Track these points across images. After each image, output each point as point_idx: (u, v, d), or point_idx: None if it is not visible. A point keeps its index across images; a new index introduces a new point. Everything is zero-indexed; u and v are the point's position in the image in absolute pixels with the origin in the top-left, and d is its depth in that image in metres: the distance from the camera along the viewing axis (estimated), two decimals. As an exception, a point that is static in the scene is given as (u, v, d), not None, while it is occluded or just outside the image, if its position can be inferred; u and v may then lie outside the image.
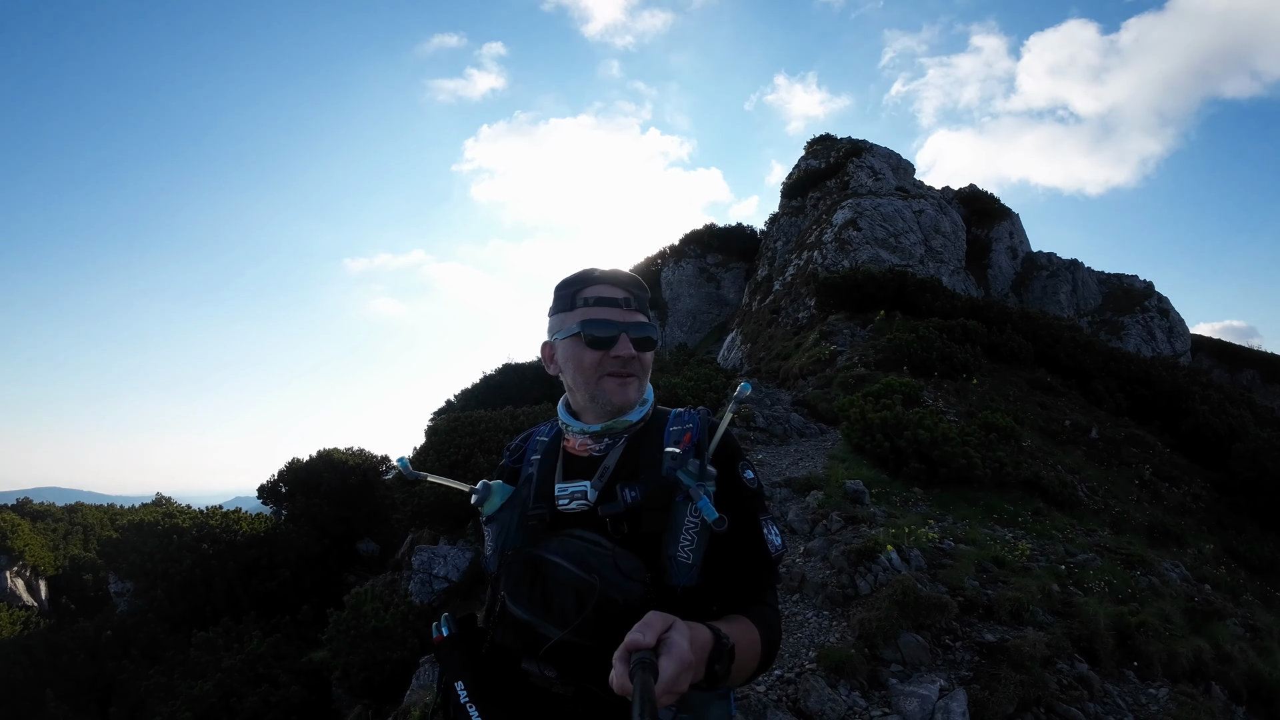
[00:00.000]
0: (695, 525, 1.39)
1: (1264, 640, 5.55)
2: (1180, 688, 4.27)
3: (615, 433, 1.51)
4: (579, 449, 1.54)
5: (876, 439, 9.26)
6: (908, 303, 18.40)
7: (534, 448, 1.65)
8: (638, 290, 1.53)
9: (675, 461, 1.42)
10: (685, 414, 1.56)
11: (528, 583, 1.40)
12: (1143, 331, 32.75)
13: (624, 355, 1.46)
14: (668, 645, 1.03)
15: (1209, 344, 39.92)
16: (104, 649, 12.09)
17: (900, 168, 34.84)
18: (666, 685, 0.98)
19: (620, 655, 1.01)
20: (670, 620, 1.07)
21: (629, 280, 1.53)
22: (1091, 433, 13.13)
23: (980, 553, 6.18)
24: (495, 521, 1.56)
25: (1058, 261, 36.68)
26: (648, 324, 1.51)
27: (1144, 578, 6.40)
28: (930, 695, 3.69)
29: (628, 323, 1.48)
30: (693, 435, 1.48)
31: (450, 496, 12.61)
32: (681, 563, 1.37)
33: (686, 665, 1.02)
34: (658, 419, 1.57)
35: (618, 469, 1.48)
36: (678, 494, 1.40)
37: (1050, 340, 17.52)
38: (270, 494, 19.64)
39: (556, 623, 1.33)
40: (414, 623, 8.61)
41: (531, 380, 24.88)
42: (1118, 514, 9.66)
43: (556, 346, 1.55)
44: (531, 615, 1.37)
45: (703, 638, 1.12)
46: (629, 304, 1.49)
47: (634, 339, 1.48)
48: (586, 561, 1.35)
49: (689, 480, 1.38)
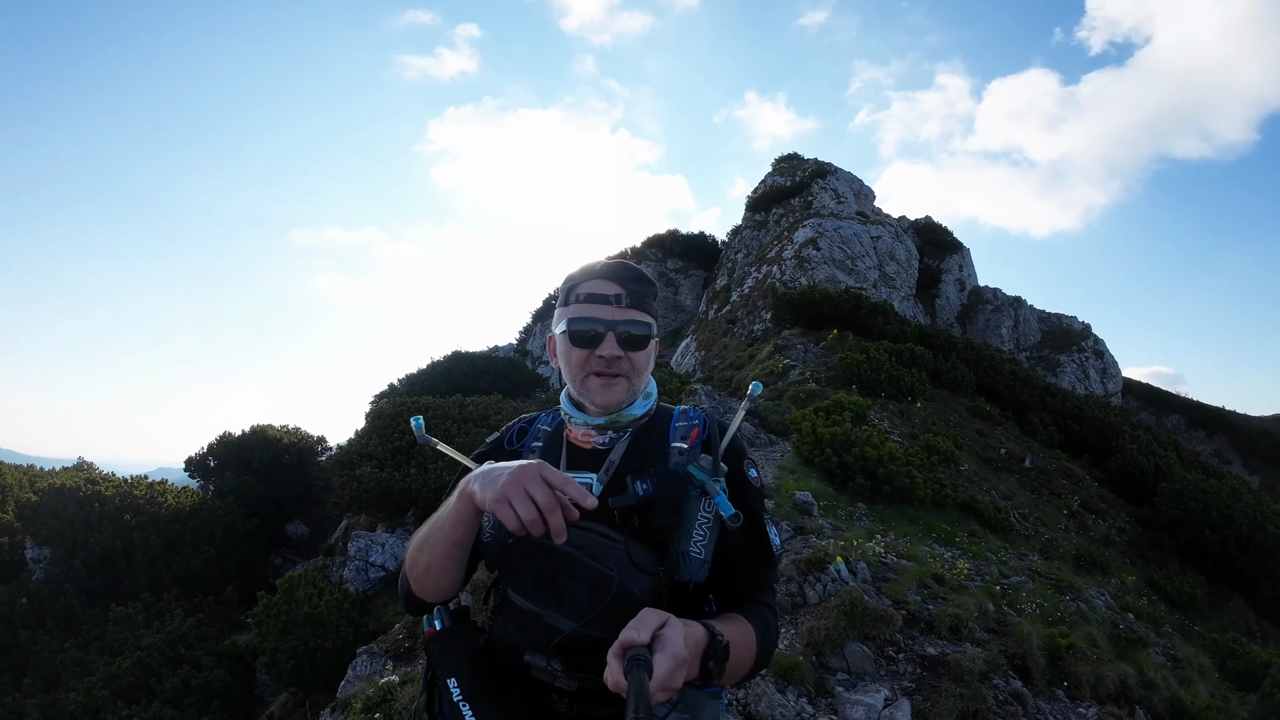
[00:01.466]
0: (708, 521, 1.37)
1: (1184, 670, 5.83)
2: (1108, 709, 4.44)
3: (619, 426, 1.48)
4: (582, 440, 1.51)
5: (826, 453, 9.43)
6: (860, 324, 18.83)
7: (536, 434, 1.61)
8: (635, 285, 1.47)
9: (684, 457, 1.41)
10: (691, 411, 1.55)
11: (536, 573, 1.36)
12: (1078, 370, 34.20)
13: (607, 355, 1.42)
14: (662, 642, 1.02)
15: (1138, 387, 41.99)
16: (19, 618, 11.40)
17: (862, 193, 35.68)
18: (661, 682, 0.97)
19: (615, 652, 1.01)
20: (665, 617, 1.06)
21: (628, 275, 1.48)
22: (1025, 462, 13.64)
23: (922, 569, 6.34)
24: None
25: (1002, 297, 38.06)
26: (641, 321, 1.46)
27: (1072, 603, 6.64)
28: (875, 704, 3.75)
29: (616, 321, 1.43)
30: (700, 432, 1.47)
31: (392, 482, 12.33)
32: (694, 558, 1.36)
33: (681, 662, 1.01)
34: (662, 415, 1.54)
35: (624, 462, 1.45)
36: (691, 489, 1.38)
37: (991, 371, 18.18)
38: (198, 467, 18.87)
39: (569, 614, 1.30)
40: (349, 611, 8.37)
41: (482, 370, 24.54)
42: (1047, 541, 10.04)
43: (556, 340, 1.52)
44: (540, 606, 1.34)
45: (697, 635, 1.11)
46: (620, 300, 1.44)
47: (622, 338, 1.43)
48: (596, 553, 1.33)
49: (703, 476, 1.36)
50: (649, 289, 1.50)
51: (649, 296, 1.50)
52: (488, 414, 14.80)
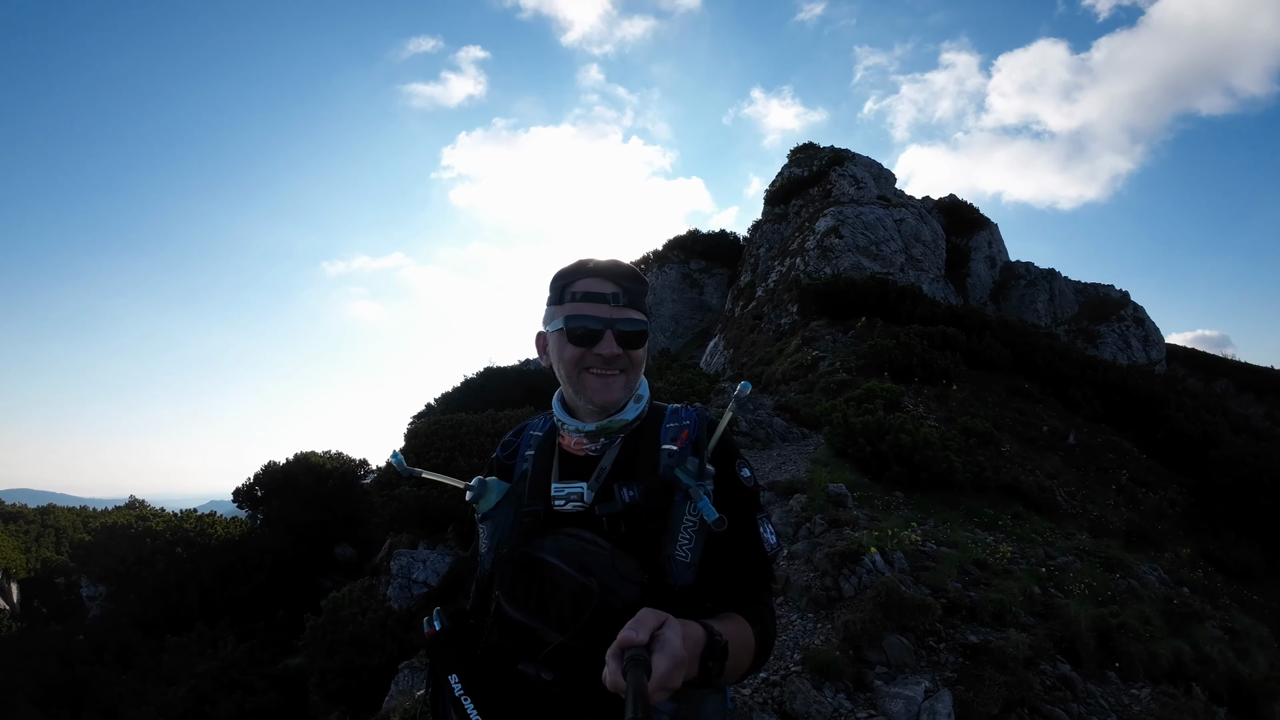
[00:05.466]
0: (694, 524, 1.37)
1: (1242, 642, 5.61)
2: (1162, 688, 4.29)
3: (611, 432, 1.48)
4: (575, 448, 1.51)
5: (859, 443, 9.30)
6: (889, 310, 18.54)
7: (528, 442, 1.62)
8: (630, 283, 1.47)
9: (673, 459, 1.40)
10: (682, 410, 1.54)
11: (523, 584, 1.38)
12: (1119, 340, 33.27)
13: (606, 354, 1.43)
14: (661, 642, 1.02)
15: (1183, 353, 40.67)
16: (76, 653, 11.80)
17: (882, 177, 35.18)
18: (659, 682, 0.98)
19: (613, 652, 1.01)
20: (663, 617, 1.06)
21: (622, 273, 1.48)
22: (1069, 438, 13.28)
23: (962, 555, 6.21)
24: (490, 519, 1.52)
25: (1035, 271, 37.20)
26: (638, 320, 1.47)
27: (1123, 580, 6.45)
28: (915, 696, 3.68)
29: (615, 319, 1.44)
30: (690, 433, 1.46)
31: (430, 500, 12.46)
32: (680, 562, 1.36)
33: (679, 662, 1.01)
34: (654, 415, 1.54)
35: (614, 468, 1.45)
36: (676, 493, 1.38)
37: (1028, 348, 17.72)
38: (246, 497, 19.32)
39: (554, 626, 1.32)
40: (392, 628, 8.47)
41: (513, 383, 24.76)
42: (1095, 518, 9.76)
43: (548, 338, 1.53)
44: (528, 618, 1.36)
45: (695, 634, 1.11)
46: (618, 299, 1.44)
47: (620, 336, 1.44)
48: (583, 562, 1.33)
49: (688, 479, 1.36)
50: (642, 287, 1.51)
51: (643, 295, 1.51)
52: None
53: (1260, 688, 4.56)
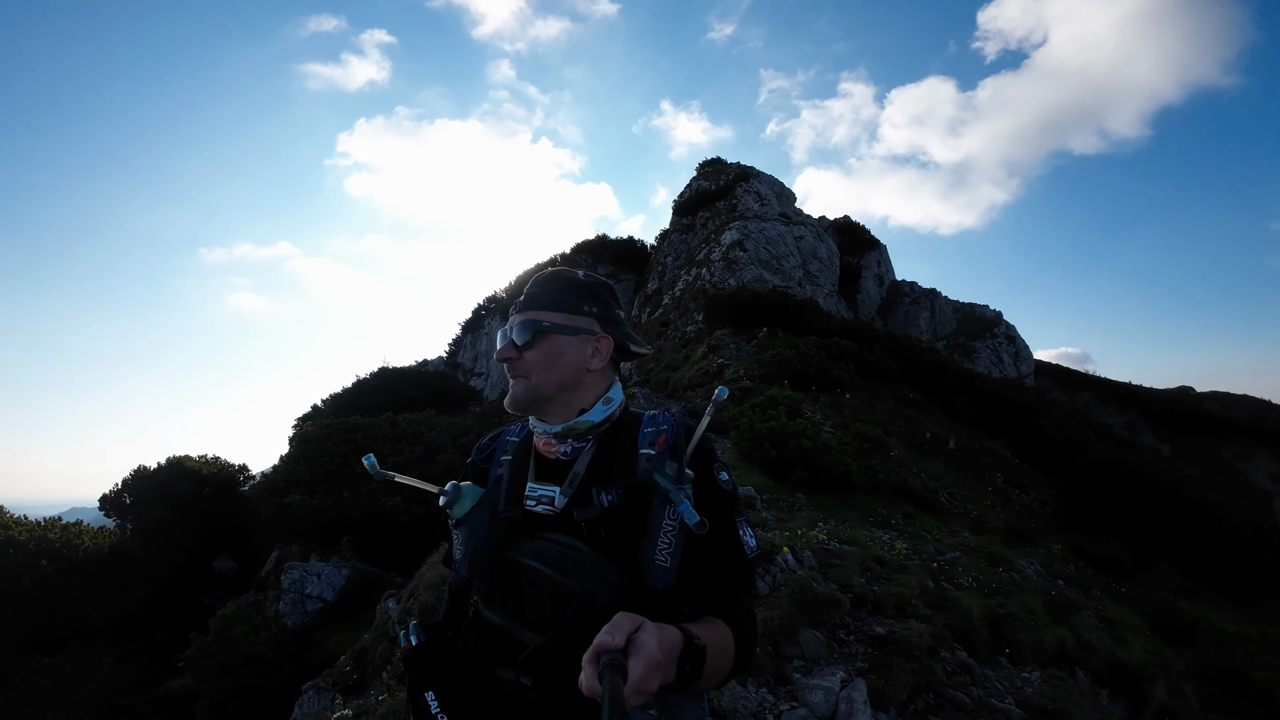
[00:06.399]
0: (674, 528, 1.36)
1: (1118, 630, 6.14)
2: (1050, 672, 4.63)
3: (577, 434, 1.48)
4: (545, 450, 1.51)
5: (764, 447, 9.55)
6: (789, 321, 19.25)
7: (504, 447, 1.60)
8: (536, 288, 1.52)
9: (651, 464, 1.40)
10: (659, 416, 1.53)
11: (501, 587, 1.37)
12: (992, 355, 35.91)
13: (499, 359, 1.48)
14: (636, 646, 1.01)
15: (1049, 368, 44.39)
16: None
17: (784, 195, 36.56)
18: (635, 686, 0.97)
19: (589, 657, 1.00)
20: (639, 621, 1.05)
21: (538, 280, 1.54)
22: (950, 444, 14.18)
23: (863, 552, 6.47)
24: (465, 524, 1.49)
25: (919, 290, 39.62)
26: (526, 321, 1.48)
27: (1005, 574, 6.91)
28: (833, 687, 3.79)
29: (511, 325, 1.49)
30: (668, 437, 1.46)
31: (326, 509, 11.82)
32: (660, 566, 1.35)
33: (655, 666, 1.01)
34: (630, 420, 1.53)
35: (589, 473, 1.45)
36: (655, 497, 1.37)
37: (914, 360, 18.86)
38: (114, 505, 17.76)
39: (533, 628, 1.31)
40: (289, 646, 7.95)
41: (412, 385, 23.91)
42: (976, 517, 10.45)
43: None
44: (506, 620, 1.35)
45: (672, 638, 1.10)
46: (518, 306, 1.50)
47: (511, 340, 1.48)
48: (562, 565, 1.33)
49: (667, 484, 1.36)
50: (557, 290, 1.51)
51: (544, 297, 1.50)
52: (420, 431, 14.37)
53: (1141, 670, 4.99)
